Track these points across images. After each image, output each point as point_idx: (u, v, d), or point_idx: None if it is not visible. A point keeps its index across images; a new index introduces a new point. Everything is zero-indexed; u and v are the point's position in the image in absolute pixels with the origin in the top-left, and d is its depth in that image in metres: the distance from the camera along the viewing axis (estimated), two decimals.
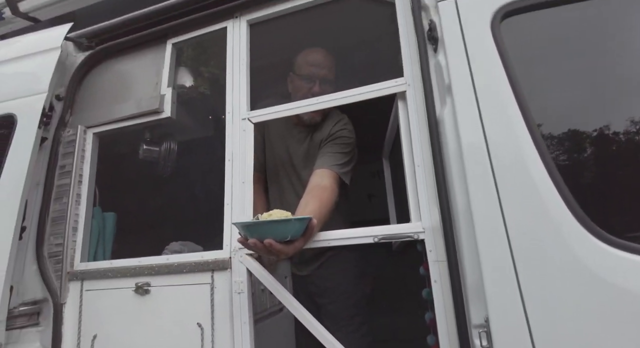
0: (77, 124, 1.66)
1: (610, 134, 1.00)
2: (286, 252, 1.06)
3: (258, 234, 1.03)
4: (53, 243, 1.53)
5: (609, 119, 1.01)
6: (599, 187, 1.03)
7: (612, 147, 1.03)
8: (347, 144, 1.62)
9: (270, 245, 1.02)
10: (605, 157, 1.04)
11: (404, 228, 1.13)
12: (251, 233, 1.04)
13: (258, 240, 1.03)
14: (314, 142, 1.71)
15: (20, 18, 1.96)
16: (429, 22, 1.19)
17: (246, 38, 1.55)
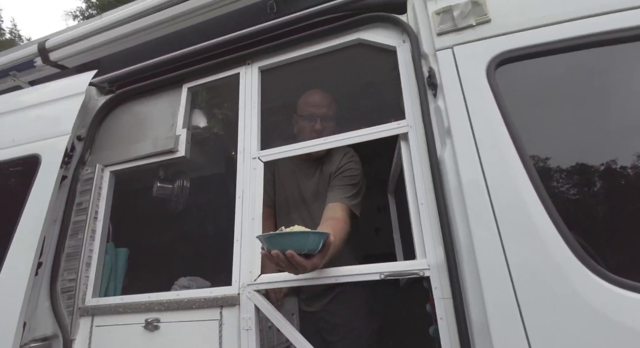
0: (96, 162, 1.75)
1: (606, 173, 1.05)
2: (305, 265, 1.08)
3: (280, 246, 1.05)
4: (67, 279, 1.57)
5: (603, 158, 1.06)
6: (598, 225, 1.07)
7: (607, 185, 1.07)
8: (354, 176, 1.70)
9: (292, 256, 1.04)
10: (601, 195, 1.09)
11: (409, 265, 1.16)
12: (273, 245, 1.07)
13: (280, 252, 1.05)
14: (324, 176, 1.79)
15: (50, 66, 2.12)
16: (429, 70, 1.28)
17: (257, 83, 1.66)
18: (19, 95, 1.96)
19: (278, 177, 1.90)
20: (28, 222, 1.50)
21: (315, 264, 1.12)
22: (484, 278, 0.97)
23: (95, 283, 1.58)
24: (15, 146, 1.72)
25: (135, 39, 1.93)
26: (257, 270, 1.34)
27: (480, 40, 1.21)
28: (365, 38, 1.52)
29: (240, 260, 1.37)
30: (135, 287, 1.77)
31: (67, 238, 1.63)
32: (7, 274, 1.44)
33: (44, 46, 2.03)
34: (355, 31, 1.55)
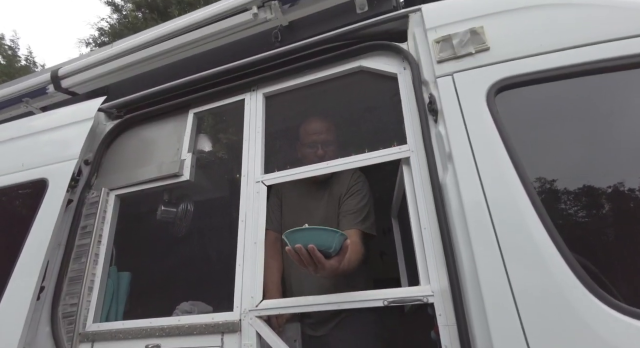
0: (101, 186, 1.78)
1: (610, 195, 1.05)
2: (324, 263, 1.15)
3: (303, 240, 1.12)
4: (68, 303, 1.56)
5: (606, 181, 1.07)
6: (603, 249, 1.06)
7: (612, 208, 1.07)
8: (363, 197, 1.76)
9: (313, 250, 1.11)
10: (606, 218, 1.08)
11: (413, 292, 1.15)
12: (297, 240, 1.13)
13: (303, 247, 1.12)
14: (333, 197, 1.82)
15: (62, 93, 2.18)
16: (429, 96, 1.31)
17: (262, 108, 1.70)
18: (30, 120, 2.02)
19: (285, 201, 1.92)
20: (32, 246, 1.51)
21: (333, 266, 1.18)
22: (488, 305, 0.96)
23: (96, 307, 1.56)
24: (24, 170, 1.75)
25: (143, 67, 2.00)
26: (259, 296, 1.32)
27: (480, 68, 1.24)
28: (367, 65, 1.57)
29: (242, 285, 1.36)
30: (137, 311, 1.75)
31: (70, 262, 1.63)
32: (9, 298, 1.44)
33: (57, 74, 2.11)
34: (357, 59, 1.59)
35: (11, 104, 2.34)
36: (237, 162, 1.63)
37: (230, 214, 1.58)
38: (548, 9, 1.25)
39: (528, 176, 1.05)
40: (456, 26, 1.33)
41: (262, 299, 1.32)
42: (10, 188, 1.72)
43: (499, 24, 1.28)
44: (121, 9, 12.47)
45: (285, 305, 1.28)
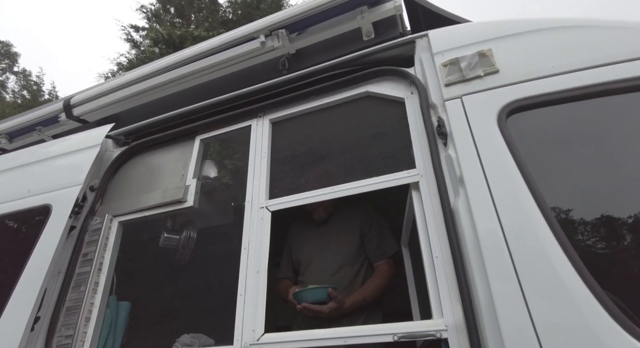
0: (105, 213, 1.75)
1: (631, 220, 0.98)
2: (320, 310, 1.65)
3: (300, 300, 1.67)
4: (63, 335, 1.49)
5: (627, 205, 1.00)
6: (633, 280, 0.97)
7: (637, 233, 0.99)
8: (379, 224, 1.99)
9: (305, 307, 1.66)
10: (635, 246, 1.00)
11: (425, 326, 1.06)
12: (299, 299, 1.68)
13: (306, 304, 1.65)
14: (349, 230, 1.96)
15: (73, 121, 2.22)
16: (438, 119, 1.28)
17: (268, 134, 1.68)
18: (39, 147, 2.04)
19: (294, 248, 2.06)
20: (30, 274, 1.47)
21: (331, 308, 1.65)
22: (508, 341, 0.87)
23: (92, 339, 1.49)
24: (29, 196, 1.74)
25: (152, 95, 2.03)
26: (261, 329, 1.25)
27: (490, 90, 1.22)
28: (374, 91, 1.56)
29: (243, 316, 1.29)
30: (135, 343, 1.67)
31: (69, 291, 1.58)
32: (1, 328, 1.38)
33: (69, 102, 2.15)
34: (364, 84, 1.59)
35: (25, 133, 2.39)
36: (243, 188, 1.60)
37: (234, 242, 1.52)
38: (557, 32, 1.23)
39: (545, 201, 0.99)
40: (464, 50, 1.31)
41: (264, 333, 1.24)
42: (15, 215, 1.71)
43: (508, 47, 1.26)
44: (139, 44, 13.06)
45: (289, 339, 1.19)
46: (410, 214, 1.56)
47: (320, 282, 1.85)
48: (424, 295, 1.60)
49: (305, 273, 1.93)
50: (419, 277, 1.76)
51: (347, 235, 1.91)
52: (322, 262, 1.90)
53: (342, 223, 1.97)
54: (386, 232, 1.97)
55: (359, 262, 1.86)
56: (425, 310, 1.45)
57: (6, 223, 1.73)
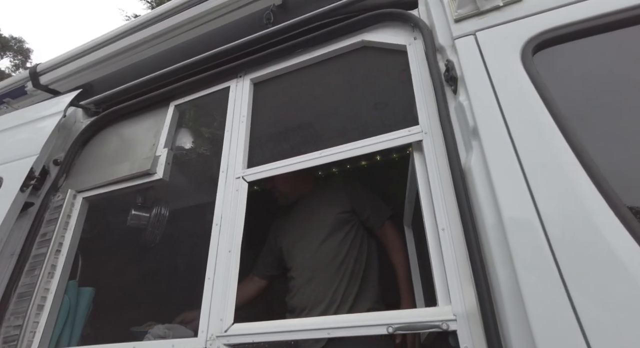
0: (69, 188, 1.55)
1: None
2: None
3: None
4: (12, 325, 1.30)
5: None
6: None
7: None
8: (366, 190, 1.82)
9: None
10: None
11: (428, 315, 0.83)
12: None
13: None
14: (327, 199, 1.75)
15: (41, 91, 2.01)
16: (446, 62, 1.03)
17: (248, 95, 1.46)
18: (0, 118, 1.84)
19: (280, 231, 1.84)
20: None
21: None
22: (539, 334, 0.64)
23: (45, 330, 1.30)
24: None
25: (125, 59, 1.80)
26: (230, 318, 1.03)
27: (511, 22, 0.97)
28: (370, 39, 1.31)
29: (210, 303, 1.08)
30: (99, 334, 1.48)
31: (22, 275, 1.39)
32: None
33: (35, 70, 1.94)
34: (359, 33, 1.35)
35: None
36: (219, 157, 1.38)
37: (205, 219, 1.31)
38: None
39: (588, 152, 0.75)
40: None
41: (233, 322, 1.03)
42: None
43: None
44: None
45: (262, 330, 0.98)
46: (413, 185, 1.33)
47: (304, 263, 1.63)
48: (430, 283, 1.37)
49: (289, 259, 1.71)
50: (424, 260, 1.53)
51: (330, 207, 1.69)
52: (304, 241, 1.69)
53: (324, 197, 1.76)
54: (376, 198, 1.78)
55: (342, 233, 1.62)
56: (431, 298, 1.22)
57: None
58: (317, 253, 1.58)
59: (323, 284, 1.54)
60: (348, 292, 1.51)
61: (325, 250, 1.57)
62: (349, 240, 1.60)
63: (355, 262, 1.57)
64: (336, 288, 1.51)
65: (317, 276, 1.57)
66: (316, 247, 1.59)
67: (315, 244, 1.60)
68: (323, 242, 1.59)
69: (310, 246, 1.61)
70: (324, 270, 1.56)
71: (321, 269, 1.57)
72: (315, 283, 1.56)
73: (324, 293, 1.53)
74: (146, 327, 1.47)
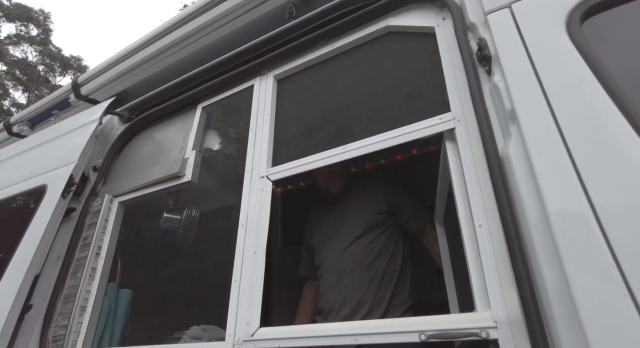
0: (106, 193, 1.61)
1: None
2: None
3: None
4: (59, 325, 1.36)
5: None
6: None
7: None
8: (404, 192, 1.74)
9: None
10: None
11: (465, 321, 0.75)
12: None
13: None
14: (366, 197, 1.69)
15: (83, 101, 2.12)
16: (478, 41, 0.93)
17: (272, 92, 1.43)
18: (46, 130, 1.95)
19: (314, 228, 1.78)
20: (20, 258, 1.35)
21: None
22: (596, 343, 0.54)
23: (88, 331, 1.35)
24: (31, 178, 1.65)
25: (155, 65, 1.84)
26: (257, 321, 1.00)
27: None
28: (395, 24, 1.23)
29: (237, 306, 1.06)
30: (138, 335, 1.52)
31: (67, 278, 1.46)
32: None
33: (77, 81, 2.04)
34: (383, 18, 1.27)
35: (43, 119, 2.34)
36: (245, 157, 1.36)
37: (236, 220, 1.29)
38: None
39: None
40: None
41: (259, 326, 1.00)
42: (15, 198, 1.62)
43: None
44: None
45: (288, 335, 0.94)
46: (445, 178, 1.23)
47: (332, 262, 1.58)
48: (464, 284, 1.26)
49: (318, 258, 1.66)
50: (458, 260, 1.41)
51: (365, 207, 1.62)
52: (334, 240, 1.63)
53: (359, 196, 1.69)
54: (415, 200, 1.71)
55: (375, 234, 1.54)
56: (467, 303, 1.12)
57: (11, 206, 1.64)
58: (346, 253, 1.52)
59: (351, 285, 1.48)
60: (380, 295, 1.43)
61: (355, 250, 1.51)
62: (382, 242, 1.53)
63: (388, 264, 1.50)
64: (365, 291, 1.44)
65: (345, 277, 1.51)
66: (346, 246, 1.53)
67: (345, 244, 1.54)
68: (353, 242, 1.53)
69: (340, 245, 1.55)
70: (353, 270, 1.50)
71: (349, 269, 1.51)
72: (343, 284, 1.50)
73: (352, 294, 1.47)
74: (177, 334, 1.49)
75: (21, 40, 26.11)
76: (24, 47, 26.35)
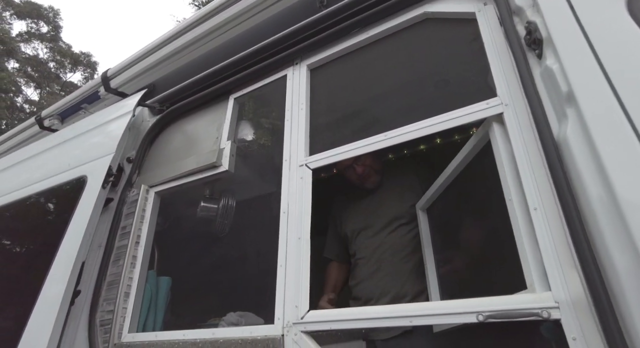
0: (142, 183, 1.64)
1: None
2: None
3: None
4: (105, 310, 1.41)
5: None
6: None
7: None
8: None
9: None
10: None
11: (524, 302, 0.76)
12: None
13: None
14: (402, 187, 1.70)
15: (112, 94, 2.15)
16: (526, 25, 0.93)
17: (306, 82, 1.44)
18: (79, 122, 2.00)
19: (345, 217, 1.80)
20: (67, 246, 1.39)
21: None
22: None
23: (133, 315, 1.39)
24: (69, 169, 1.69)
25: (184, 57, 1.86)
26: (305, 305, 1.03)
27: None
28: (433, 10, 1.22)
29: (284, 291, 1.08)
30: (178, 320, 1.56)
31: (109, 265, 1.50)
32: (42, 302, 1.32)
33: (106, 74, 2.08)
34: (420, 4, 1.26)
35: (73, 112, 2.38)
36: (281, 146, 1.38)
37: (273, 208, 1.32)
38: None
39: None
40: None
41: (309, 310, 1.02)
42: (57, 188, 1.66)
43: None
44: None
45: (340, 318, 0.96)
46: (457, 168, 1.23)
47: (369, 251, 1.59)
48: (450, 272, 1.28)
49: (354, 243, 1.68)
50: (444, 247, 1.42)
51: (401, 199, 1.63)
52: (370, 230, 1.65)
53: (395, 188, 1.69)
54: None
55: (411, 226, 1.56)
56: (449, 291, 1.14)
57: (50, 197, 1.69)
58: (384, 244, 1.55)
59: (389, 276, 1.51)
60: (419, 288, 1.45)
61: (393, 241, 1.54)
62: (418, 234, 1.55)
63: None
64: (405, 282, 1.47)
65: (383, 267, 1.54)
66: (383, 237, 1.55)
67: (383, 234, 1.56)
68: (391, 233, 1.55)
69: (377, 236, 1.58)
70: (391, 261, 1.53)
71: (388, 260, 1.54)
72: (381, 275, 1.54)
73: (390, 285, 1.50)
74: (214, 320, 1.53)
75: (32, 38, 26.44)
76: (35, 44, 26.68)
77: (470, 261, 1.28)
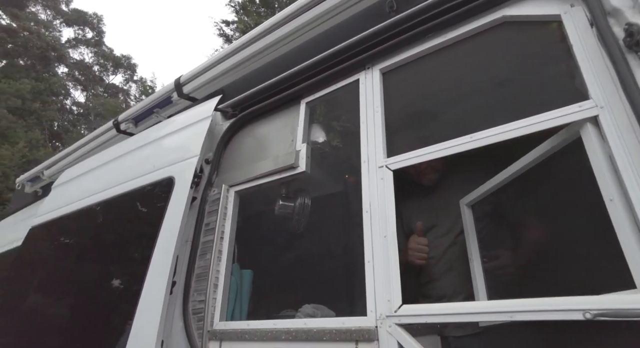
0: (222, 183, 1.77)
1: None
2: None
3: None
4: (197, 300, 1.55)
5: None
6: None
7: None
8: None
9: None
10: None
11: (636, 302, 0.79)
12: None
13: None
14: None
15: (184, 99, 2.31)
16: (626, 27, 0.94)
17: (379, 86, 1.49)
18: (158, 126, 2.16)
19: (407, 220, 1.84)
20: (163, 241, 1.54)
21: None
22: None
23: (222, 305, 1.52)
24: (155, 171, 1.84)
25: (254, 63, 1.97)
26: (398, 299, 1.10)
27: None
28: (513, 13, 1.24)
29: (374, 285, 1.15)
30: (260, 311, 1.68)
31: (197, 259, 1.64)
32: (146, 293, 1.48)
33: (179, 81, 2.23)
34: (498, 8, 1.28)
35: (145, 116, 2.57)
36: (354, 149, 1.45)
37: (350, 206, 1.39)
38: None
39: None
40: None
41: (402, 304, 1.09)
42: (145, 188, 1.82)
43: None
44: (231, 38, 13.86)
45: (435, 312, 1.02)
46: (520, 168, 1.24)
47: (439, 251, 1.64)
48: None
49: None
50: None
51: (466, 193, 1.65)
52: (439, 229, 1.70)
53: (460, 181, 1.70)
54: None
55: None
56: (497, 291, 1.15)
57: (140, 197, 1.86)
58: (453, 246, 1.60)
59: (461, 277, 1.56)
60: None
61: (460, 244, 1.58)
62: None
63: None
64: None
65: (454, 268, 1.60)
66: (452, 238, 1.61)
67: (452, 235, 1.62)
68: (459, 234, 1.59)
69: (446, 236, 1.63)
70: (461, 263, 1.57)
71: (457, 262, 1.59)
72: (453, 275, 1.60)
73: (461, 287, 1.55)
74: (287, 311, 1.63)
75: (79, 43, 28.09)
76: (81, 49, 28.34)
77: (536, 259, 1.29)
